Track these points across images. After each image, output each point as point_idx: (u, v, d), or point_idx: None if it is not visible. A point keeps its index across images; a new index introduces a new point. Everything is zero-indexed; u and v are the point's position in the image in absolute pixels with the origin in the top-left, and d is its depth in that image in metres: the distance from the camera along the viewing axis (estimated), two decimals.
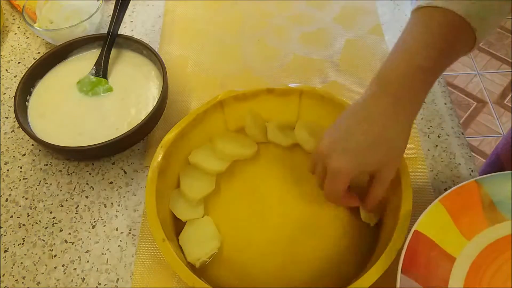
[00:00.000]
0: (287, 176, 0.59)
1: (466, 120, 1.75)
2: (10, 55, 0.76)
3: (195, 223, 0.54)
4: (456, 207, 0.47)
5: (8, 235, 0.56)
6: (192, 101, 0.68)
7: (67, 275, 0.53)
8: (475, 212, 0.47)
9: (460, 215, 0.47)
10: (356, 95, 0.67)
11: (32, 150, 0.64)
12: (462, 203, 0.47)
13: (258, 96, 0.60)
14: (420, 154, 0.61)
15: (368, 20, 0.77)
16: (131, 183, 0.60)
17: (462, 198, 0.48)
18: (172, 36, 0.76)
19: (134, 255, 0.54)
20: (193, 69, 0.72)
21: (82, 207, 0.58)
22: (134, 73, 0.67)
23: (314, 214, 0.55)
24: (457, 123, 0.64)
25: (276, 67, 0.72)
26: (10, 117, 0.68)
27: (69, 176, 0.61)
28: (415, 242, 0.45)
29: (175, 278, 0.52)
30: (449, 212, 0.47)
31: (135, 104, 0.63)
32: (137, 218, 0.57)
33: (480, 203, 0.47)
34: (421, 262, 0.44)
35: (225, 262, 0.52)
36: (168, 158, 0.55)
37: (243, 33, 0.77)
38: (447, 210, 0.47)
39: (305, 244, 0.53)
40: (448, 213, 0.47)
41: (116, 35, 0.68)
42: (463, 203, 0.47)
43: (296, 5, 0.80)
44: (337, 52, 0.73)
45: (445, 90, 0.68)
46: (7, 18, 0.81)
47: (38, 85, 0.66)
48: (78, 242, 0.56)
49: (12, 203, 0.59)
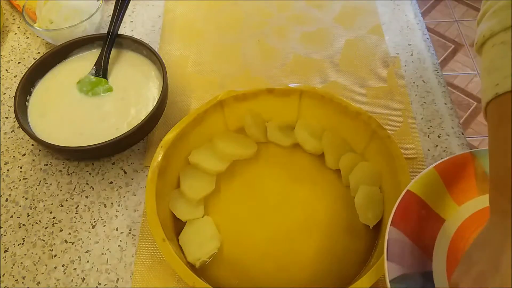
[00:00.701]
0: (287, 176, 0.59)
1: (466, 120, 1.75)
2: (10, 55, 0.76)
3: (195, 223, 0.54)
4: (449, 174, 0.49)
5: (8, 235, 0.56)
6: (192, 101, 0.68)
7: (67, 275, 0.53)
8: (467, 181, 0.49)
9: (453, 183, 0.49)
10: (356, 95, 0.67)
11: (32, 150, 0.64)
12: (456, 171, 0.49)
13: (258, 96, 0.60)
14: (420, 154, 0.61)
15: (368, 20, 0.77)
16: (131, 183, 0.60)
17: (456, 167, 0.50)
18: (172, 36, 0.76)
19: (134, 255, 0.54)
20: (193, 69, 0.72)
21: (82, 207, 0.58)
22: (134, 73, 0.67)
23: (314, 214, 0.55)
24: (457, 123, 0.64)
25: (276, 67, 0.72)
26: (10, 117, 0.68)
27: (69, 176, 0.61)
28: (407, 200, 0.46)
29: (175, 278, 0.52)
30: (442, 178, 0.49)
31: (135, 104, 0.63)
32: (137, 218, 0.57)
33: (473, 173, 0.49)
34: (411, 217, 0.46)
35: (225, 262, 0.52)
36: (168, 158, 0.55)
37: (243, 33, 0.77)
38: (440, 176, 0.49)
39: (305, 244, 0.53)
40: (441, 179, 0.49)
41: (116, 35, 0.68)
42: (457, 172, 0.49)
43: (296, 5, 0.80)
44: (337, 52, 0.73)
45: (445, 90, 0.68)
46: (7, 18, 0.81)
47: (38, 85, 0.66)
48: (78, 242, 0.56)
49: (12, 203, 0.59)
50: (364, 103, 0.66)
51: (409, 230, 0.45)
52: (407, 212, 0.46)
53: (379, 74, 0.70)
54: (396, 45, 0.73)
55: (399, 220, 0.45)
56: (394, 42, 0.74)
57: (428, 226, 0.46)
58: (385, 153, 0.54)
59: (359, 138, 0.58)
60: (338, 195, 0.57)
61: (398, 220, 0.45)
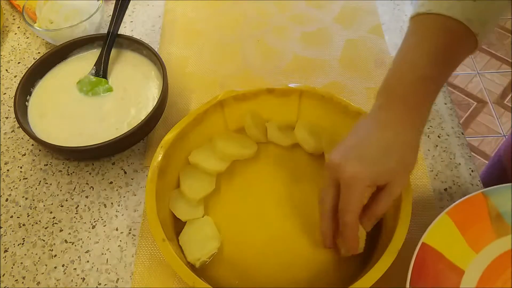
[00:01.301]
0: (287, 176, 0.59)
1: (466, 120, 1.75)
2: (10, 55, 0.76)
3: (195, 223, 0.54)
4: (463, 219, 0.46)
5: (8, 235, 0.56)
6: (192, 101, 0.68)
7: (67, 275, 0.53)
8: (482, 224, 0.46)
9: (467, 227, 0.46)
10: (356, 95, 0.67)
11: (32, 150, 0.64)
12: (469, 215, 0.47)
13: (258, 96, 0.60)
14: (420, 154, 0.61)
15: (368, 20, 0.77)
16: (131, 183, 0.60)
17: (469, 210, 0.47)
18: (172, 36, 0.76)
19: (134, 255, 0.54)
20: (193, 69, 0.72)
21: (82, 207, 0.58)
22: (134, 73, 0.67)
23: (314, 214, 0.55)
24: (457, 123, 0.64)
25: (276, 67, 0.72)
26: (10, 117, 0.68)
27: (69, 176, 0.61)
28: (422, 254, 0.44)
29: (175, 278, 0.52)
30: (456, 224, 0.46)
31: (135, 104, 0.63)
32: (137, 218, 0.57)
33: (487, 215, 0.47)
34: (429, 274, 0.43)
35: (225, 262, 0.52)
36: (168, 158, 0.55)
37: (243, 33, 0.77)
38: (454, 222, 0.46)
39: (305, 244, 0.53)
40: (456, 225, 0.46)
41: (116, 35, 0.68)
42: (470, 215, 0.47)
43: (296, 5, 0.80)
44: (337, 52, 0.73)
45: (445, 90, 0.68)
46: (7, 18, 0.81)
47: (38, 85, 0.66)
48: (78, 242, 0.56)
49: (12, 203, 0.59)
50: (364, 103, 0.66)
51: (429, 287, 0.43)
52: (425, 269, 0.43)
53: (379, 74, 0.70)
54: (396, 45, 0.73)
55: (417, 279, 0.43)
56: (394, 42, 0.74)
57: (448, 280, 0.43)
58: None
59: None
60: None
61: (416, 279, 0.43)
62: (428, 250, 0.44)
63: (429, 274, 0.43)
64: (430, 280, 0.43)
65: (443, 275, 0.44)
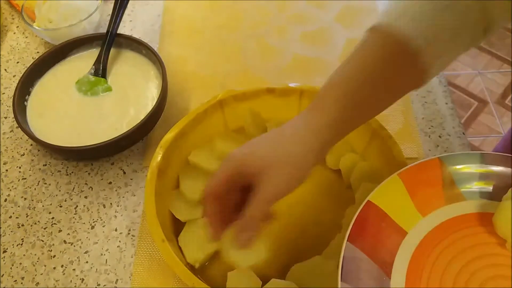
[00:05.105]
0: None
1: (467, 120, 1.74)
2: (9, 55, 0.75)
3: (194, 223, 0.53)
4: (415, 182, 0.45)
5: (7, 236, 0.56)
6: (191, 101, 0.67)
7: (66, 276, 0.53)
8: (434, 189, 0.46)
9: (418, 191, 0.45)
10: None
11: (31, 150, 0.64)
12: (421, 179, 0.46)
13: (258, 96, 0.60)
14: (420, 154, 0.60)
15: (368, 19, 0.77)
16: (130, 183, 0.60)
17: (422, 174, 0.46)
18: (171, 36, 0.76)
19: (133, 256, 0.54)
20: (193, 68, 0.72)
21: (81, 208, 0.58)
22: (134, 73, 0.67)
23: (314, 215, 0.55)
24: (458, 123, 0.64)
25: (276, 67, 0.71)
26: (9, 117, 0.68)
27: (68, 176, 0.61)
28: (366, 212, 0.43)
29: (175, 279, 0.51)
30: (406, 186, 0.45)
31: (134, 104, 0.63)
32: (136, 218, 0.57)
33: (440, 181, 0.46)
34: (369, 232, 0.42)
35: (225, 262, 0.52)
36: (168, 158, 0.55)
37: (243, 32, 0.76)
38: (404, 184, 0.45)
39: (306, 244, 0.53)
40: (406, 188, 0.45)
41: (115, 35, 0.68)
42: (423, 179, 0.46)
43: (296, 4, 0.80)
44: (337, 51, 0.73)
45: (446, 90, 0.67)
46: (6, 17, 0.81)
47: (37, 84, 0.66)
48: (77, 242, 0.55)
49: (11, 203, 0.59)
50: None
51: (367, 245, 0.42)
52: (366, 226, 0.42)
53: None
54: None
55: (357, 235, 0.41)
56: None
57: (388, 240, 0.43)
58: (386, 153, 0.54)
59: (359, 138, 0.58)
60: (338, 195, 0.56)
61: (356, 235, 0.41)
62: (373, 209, 0.43)
63: (370, 232, 0.42)
64: (370, 239, 0.42)
65: (384, 234, 0.43)
